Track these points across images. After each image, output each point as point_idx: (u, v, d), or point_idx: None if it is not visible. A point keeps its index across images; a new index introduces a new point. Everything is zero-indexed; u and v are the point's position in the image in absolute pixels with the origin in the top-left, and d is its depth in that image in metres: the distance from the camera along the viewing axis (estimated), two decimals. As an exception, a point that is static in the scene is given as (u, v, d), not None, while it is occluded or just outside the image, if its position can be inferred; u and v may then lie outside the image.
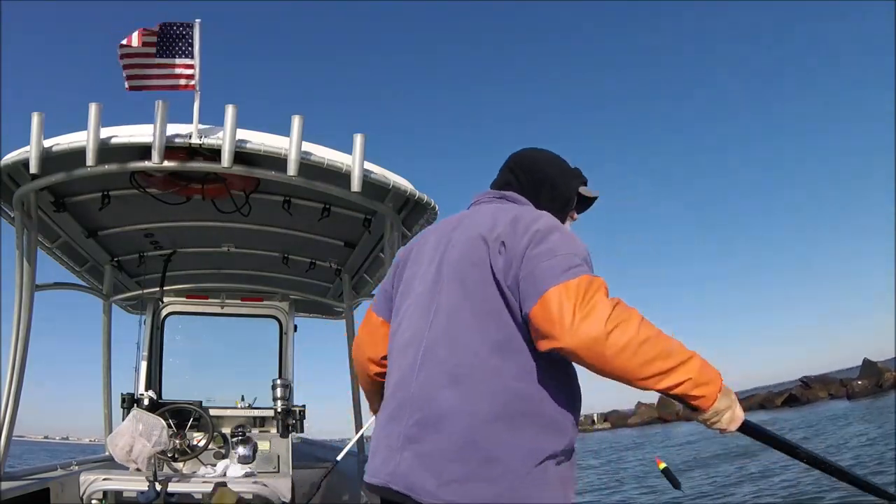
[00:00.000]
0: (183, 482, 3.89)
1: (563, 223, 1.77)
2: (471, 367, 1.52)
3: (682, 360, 1.41)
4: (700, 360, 1.44)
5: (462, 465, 1.45)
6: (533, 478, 1.46)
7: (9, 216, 3.77)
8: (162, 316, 5.50)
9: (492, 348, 1.52)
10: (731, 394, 1.51)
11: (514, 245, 1.54)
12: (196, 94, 3.47)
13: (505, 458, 1.45)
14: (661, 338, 1.40)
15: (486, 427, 1.47)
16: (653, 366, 1.37)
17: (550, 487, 1.48)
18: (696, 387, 1.43)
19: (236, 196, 4.11)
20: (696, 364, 1.43)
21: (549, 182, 1.85)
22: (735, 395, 1.53)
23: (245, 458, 4.72)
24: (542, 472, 1.47)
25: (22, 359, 3.74)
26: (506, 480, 1.44)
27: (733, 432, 1.55)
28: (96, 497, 3.84)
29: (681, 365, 1.40)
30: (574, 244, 1.55)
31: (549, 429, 1.50)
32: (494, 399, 1.48)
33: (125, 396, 4.89)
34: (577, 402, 1.59)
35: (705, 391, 1.44)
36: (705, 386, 1.44)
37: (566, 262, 1.46)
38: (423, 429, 1.51)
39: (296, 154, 3.29)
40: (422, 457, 1.49)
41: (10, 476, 3.79)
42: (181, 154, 3.40)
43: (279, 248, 5.11)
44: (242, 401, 5.34)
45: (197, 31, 3.51)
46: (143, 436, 3.83)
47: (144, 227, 4.67)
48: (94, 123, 3.13)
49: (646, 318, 1.41)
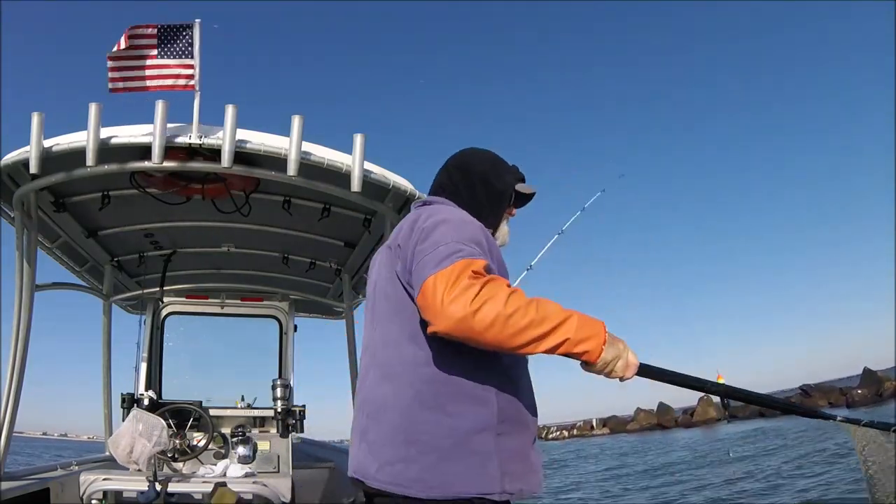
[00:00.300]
0: (183, 482, 3.89)
1: (499, 219, 1.94)
2: (396, 362, 1.68)
3: (557, 322, 1.49)
4: (578, 319, 1.52)
5: (392, 449, 1.62)
6: (454, 453, 1.57)
7: (9, 216, 3.77)
8: (162, 316, 5.50)
9: (408, 340, 1.67)
10: (617, 343, 1.58)
11: (407, 245, 1.69)
12: (196, 94, 3.48)
13: (426, 438, 1.59)
14: (531, 307, 1.47)
15: (410, 412, 1.61)
16: (526, 334, 1.46)
17: (473, 460, 1.58)
18: (576, 344, 1.51)
19: (236, 196, 4.11)
20: (572, 323, 1.50)
21: (481, 180, 1.93)
22: (623, 342, 1.60)
23: (245, 458, 4.72)
24: (463, 446, 1.58)
25: (22, 359, 3.74)
26: (429, 458, 1.57)
27: (631, 377, 1.63)
28: (96, 497, 3.84)
29: (556, 327, 1.49)
30: (460, 233, 1.63)
31: (468, 404, 1.61)
32: (413, 385, 1.63)
33: (125, 396, 4.89)
34: (501, 374, 1.66)
35: (588, 346, 1.52)
36: (587, 341, 1.52)
37: (445, 251, 1.55)
38: (370, 421, 1.71)
39: (296, 154, 3.30)
40: (369, 445, 1.68)
41: (10, 476, 3.79)
42: (181, 154, 3.41)
43: (279, 248, 5.11)
44: (242, 401, 5.34)
45: (197, 31, 3.51)
46: (143, 436, 3.83)
47: (144, 227, 4.67)
48: (94, 123, 3.13)
49: (518, 291, 1.49)
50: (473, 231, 1.69)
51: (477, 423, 1.60)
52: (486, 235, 1.73)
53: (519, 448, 1.66)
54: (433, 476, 1.57)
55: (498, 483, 1.59)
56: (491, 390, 1.63)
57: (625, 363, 1.60)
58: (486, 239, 1.72)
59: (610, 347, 1.56)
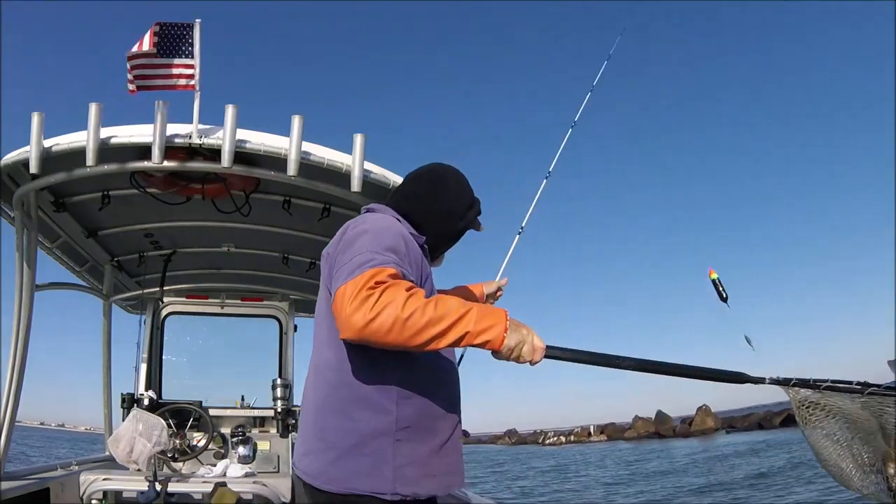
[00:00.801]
0: (183, 482, 3.89)
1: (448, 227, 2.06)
2: (319, 364, 1.87)
3: (456, 318, 1.57)
4: (477, 312, 1.60)
5: (306, 444, 1.84)
6: (352, 453, 1.73)
7: (9, 216, 3.77)
8: (162, 316, 5.50)
9: (327, 345, 1.83)
10: (520, 329, 1.65)
11: (332, 254, 1.83)
12: (196, 94, 3.47)
13: (330, 437, 1.77)
14: (428, 307, 1.55)
15: (321, 412, 1.80)
16: (426, 332, 1.54)
17: (368, 461, 1.72)
18: (477, 335, 1.59)
19: (236, 196, 4.11)
20: (472, 317, 1.58)
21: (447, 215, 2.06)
22: (527, 327, 1.67)
23: (245, 458, 4.73)
24: (360, 448, 1.73)
25: (22, 359, 3.74)
26: (330, 455, 1.75)
27: (540, 360, 1.70)
28: (96, 497, 3.85)
29: (455, 323, 1.57)
30: (377, 242, 1.73)
31: (368, 411, 1.75)
32: (325, 388, 1.81)
33: (125, 396, 4.89)
34: (406, 384, 1.77)
35: (489, 335, 1.60)
36: (487, 331, 1.59)
37: (359, 261, 1.65)
38: (301, 415, 1.97)
39: (296, 154, 3.29)
40: (299, 436, 1.93)
41: (10, 476, 3.79)
42: (181, 154, 3.40)
43: (279, 248, 5.11)
44: (242, 401, 5.34)
45: (197, 31, 3.51)
46: (143, 436, 3.83)
47: (144, 227, 4.67)
48: (94, 123, 3.13)
49: (416, 294, 1.58)
50: (391, 239, 1.78)
51: (374, 428, 1.74)
52: (405, 240, 1.83)
53: (417, 454, 1.77)
54: (333, 471, 1.74)
55: (389, 485, 1.72)
56: (392, 399, 1.76)
57: (531, 347, 1.66)
58: (406, 243, 1.82)
59: (513, 334, 1.62)
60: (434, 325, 1.54)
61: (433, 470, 1.80)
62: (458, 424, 1.91)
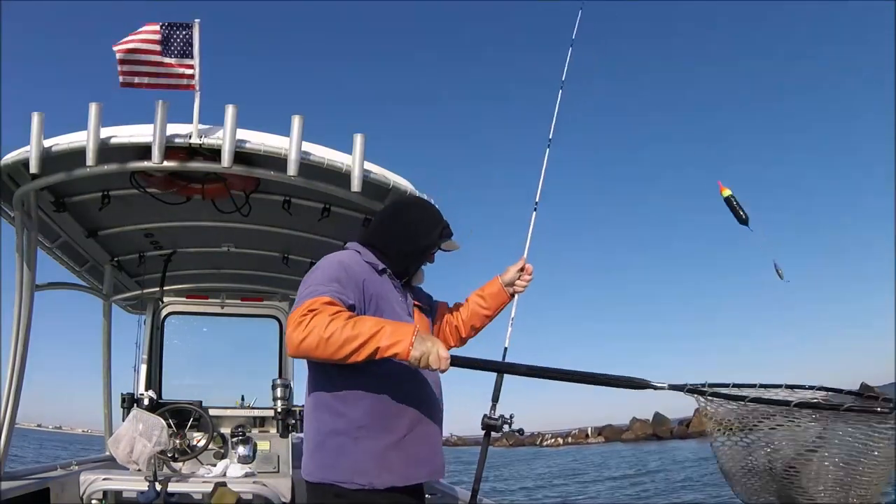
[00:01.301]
0: (183, 482, 3.89)
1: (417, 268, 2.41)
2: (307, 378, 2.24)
3: (368, 336, 1.86)
4: (389, 330, 1.88)
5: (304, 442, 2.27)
6: (319, 448, 2.13)
7: (9, 216, 3.77)
8: (162, 316, 5.50)
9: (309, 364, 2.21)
10: (425, 342, 1.89)
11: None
12: (196, 94, 3.47)
13: (308, 436, 2.20)
14: (346, 328, 1.86)
15: (306, 416, 2.24)
16: (344, 349, 1.85)
17: (329, 456, 2.10)
18: (386, 350, 1.87)
19: (236, 196, 4.11)
20: (383, 334, 1.87)
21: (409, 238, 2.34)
22: (433, 340, 1.92)
23: (245, 458, 4.72)
24: (324, 444, 2.12)
25: (22, 359, 3.74)
26: (308, 451, 2.18)
27: (446, 367, 1.92)
28: (96, 497, 3.85)
29: (367, 341, 1.86)
30: (322, 276, 2.08)
31: (327, 414, 2.13)
32: (308, 396, 2.22)
33: (125, 396, 4.89)
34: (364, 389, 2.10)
35: (397, 349, 1.87)
36: (394, 346, 1.87)
37: (305, 294, 2.00)
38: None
39: (296, 154, 3.30)
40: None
41: (10, 476, 3.79)
42: (181, 154, 3.40)
43: (279, 248, 5.11)
44: (242, 401, 5.34)
45: (197, 31, 3.51)
46: (143, 436, 3.83)
47: (144, 227, 4.67)
48: (94, 123, 3.13)
49: (338, 317, 1.88)
50: (334, 271, 2.12)
51: (333, 428, 2.11)
52: (346, 269, 2.14)
53: (374, 449, 2.07)
54: (310, 464, 2.15)
55: (349, 476, 2.05)
56: (345, 404, 2.10)
57: (436, 357, 1.89)
58: (348, 272, 2.13)
59: (418, 347, 1.87)
60: (350, 342, 1.85)
61: (391, 464, 2.08)
62: (420, 422, 2.16)
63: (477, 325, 2.64)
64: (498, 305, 2.62)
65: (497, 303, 2.61)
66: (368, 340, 1.86)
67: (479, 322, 2.63)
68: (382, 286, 2.24)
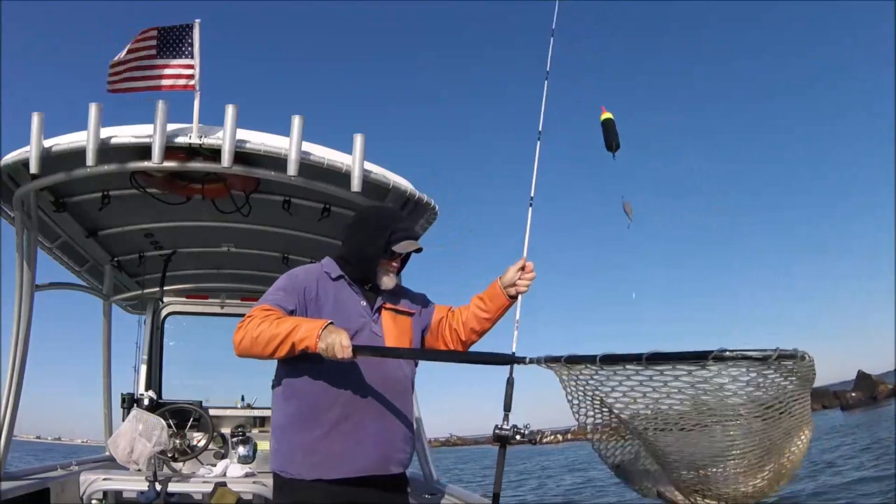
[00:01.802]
0: (183, 482, 3.89)
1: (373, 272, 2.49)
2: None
3: (286, 334, 2.14)
4: (303, 328, 2.14)
5: None
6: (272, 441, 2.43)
7: (9, 216, 3.77)
8: (162, 316, 5.50)
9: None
10: (330, 335, 2.11)
11: None
12: (196, 94, 3.47)
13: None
14: (270, 328, 2.16)
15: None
16: (270, 345, 2.17)
17: (274, 446, 2.41)
18: (299, 344, 2.14)
19: (236, 196, 4.11)
20: (296, 332, 2.13)
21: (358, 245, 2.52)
22: (338, 332, 2.12)
23: (245, 457, 4.73)
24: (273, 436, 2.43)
25: (22, 359, 3.74)
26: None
27: (349, 356, 2.11)
28: (96, 497, 3.85)
29: (286, 338, 2.14)
30: (274, 286, 2.44)
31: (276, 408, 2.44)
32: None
33: (125, 396, 4.89)
34: (299, 386, 2.35)
35: (306, 343, 2.13)
36: (304, 341, 2.13)
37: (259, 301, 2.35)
38: None
39: (296, 154, 3.30)
40: None
41: (10, 476, 3.79)
42: (181, 154, 3.40)
43: (279, 248, 5.11)
44: (242, 401, 5.34)
45: (197, 31, 3.51)
46: (143, 436, 3.83)
47: (144, 227, 4.67)
48: (94, 123, 3.13)
49: (266, 320, 2.20)
50: (282, 282, 2.46)
51: (276, 422, 2.41)
52: (294, 278, 2.45)
53: (303, 441, 2.30)
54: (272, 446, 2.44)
55: (285, 465, 2.32)
56: (282, 398, 2.39)
57: (340, 347, 2.09)
58: (294, 280, 2.44)
59: (324, 339, 2.10)
60: (274, 339, 2.15)
61: (317, 456, 2.27)
62: (348, 419, 2.30)
63: (476, 329, 2.59)
64: (497, 308, 2.55)
65: (496, 305, 2.54)
66: (286, 337, 2.14)
67: (478, 325, 2.58)
68: (334, 291, 2.46)
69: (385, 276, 2.51)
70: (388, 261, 2.50)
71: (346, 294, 2.48)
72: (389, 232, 2.48)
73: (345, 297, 2.47)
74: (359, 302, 2.48)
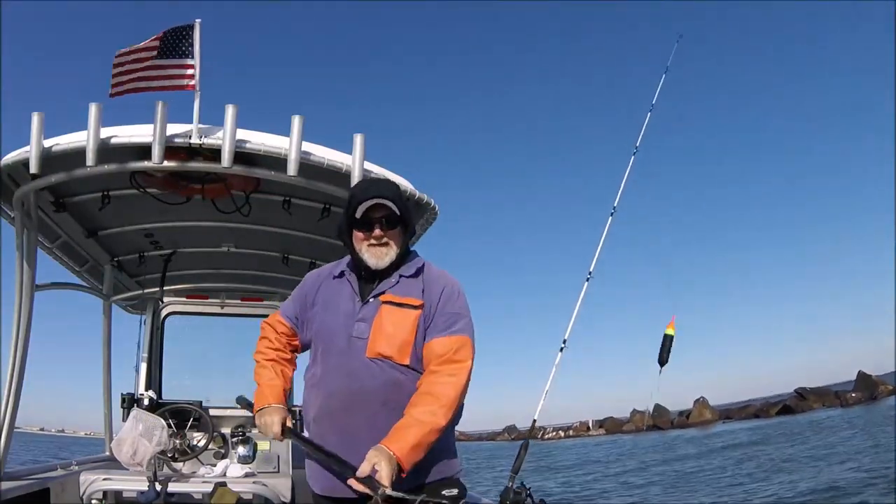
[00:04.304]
0: (183, 482, 3.89)
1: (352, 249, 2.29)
2: None
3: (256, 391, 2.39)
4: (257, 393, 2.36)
5: None
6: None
7: (9, 216, 3.77)
8: (162, 316, 5.50)
9: None
10: (261, 417, 2.27)
11: None
12: (196, 94, 3.47)
13: None
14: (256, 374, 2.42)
15: None
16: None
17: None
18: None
19: (236, 196, 4.11)
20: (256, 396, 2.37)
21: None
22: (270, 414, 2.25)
23: (245, 458, 4.72)
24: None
25: (22, 359, 3.74)
26: None
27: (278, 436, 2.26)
28: (96, 497, 3.84)
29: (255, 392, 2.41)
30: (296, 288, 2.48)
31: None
32: None
33: (125, 396, 4.89)
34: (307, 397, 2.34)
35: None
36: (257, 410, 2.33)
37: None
38: None
39: (296, 154, 3.30)
40: None
41: (10, 476, 3.79)
42: (181, 154, 3.40)
43: (279, 248, 5.11)
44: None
45: (197, 31, 3.51)
46: (143, 436, 3.83)
47: (144, 227, 4.67)
48: (94, 123, 3.13)
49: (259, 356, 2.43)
50: (297, 288, 2.45)
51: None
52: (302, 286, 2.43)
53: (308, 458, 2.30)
54: None
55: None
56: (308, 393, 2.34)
57: (270, 431, 2.24)
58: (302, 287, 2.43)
59: (258, 419, 2.27)
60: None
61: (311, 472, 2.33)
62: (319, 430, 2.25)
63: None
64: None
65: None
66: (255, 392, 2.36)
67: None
68: (327, 292, 2.34)
69: (367, 253, 2.22)
70: (361, 233, 2.23)
71: (339, 292, 2.30)
72: (351, 202, 2.25)
73: (334, 297, 2.30)
74: (350, 298, 2.26)
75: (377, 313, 2.20)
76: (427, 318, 2.21)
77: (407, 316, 2.19)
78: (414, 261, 2.33)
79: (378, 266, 2.22)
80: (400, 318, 2.19)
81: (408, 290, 2.23)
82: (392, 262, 2.25)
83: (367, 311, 2.21)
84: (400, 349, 2.17)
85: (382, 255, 2.21)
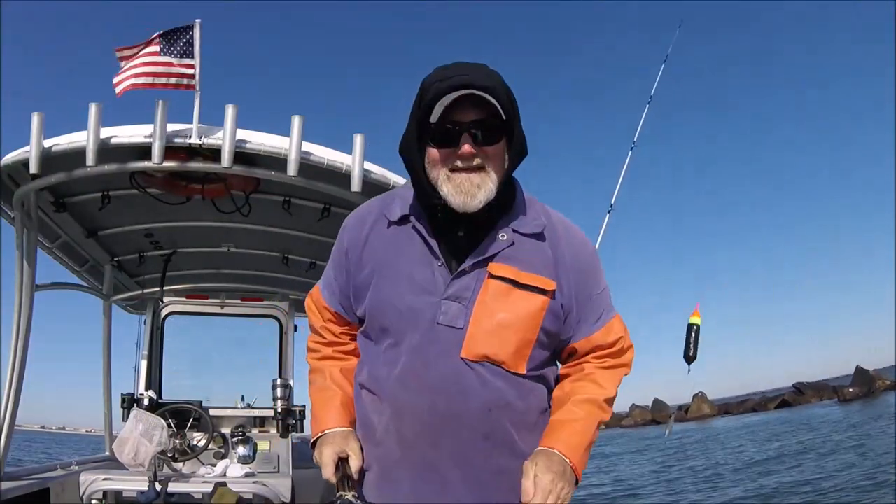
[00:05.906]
0: (183, 482, 3.89)
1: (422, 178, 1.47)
2: None
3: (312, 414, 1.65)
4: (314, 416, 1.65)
5: None
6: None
7: (9, 216, 3.77)
8: (162, 316, 5.50)
9: None
10: (318, 448, 1.55)
11: None
12: (196, 94, 3.48)
13: None
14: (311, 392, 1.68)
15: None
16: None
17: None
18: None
19: (236, 196, 4.11)
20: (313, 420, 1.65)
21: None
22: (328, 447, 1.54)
23: (245, 458, 4.72)
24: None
25: (22, 359, 3.74)
26: None
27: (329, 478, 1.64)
28: (96, 497, 3.84)
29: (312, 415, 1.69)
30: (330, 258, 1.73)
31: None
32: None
33: (125, 396, 4.89)
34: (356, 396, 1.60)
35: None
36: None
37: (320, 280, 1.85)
38: None
39: (296, 154, 3.30)
40: None
41: (11, 476, 3.79)
42: (181, 154, 3.41)
43: (279, 248, 5.11)
44: (242, 401, 5.33)
45: (197, 31, 3.52)
46: (143, 436, 3.83)
47: (144, 227, 4.67)
48: (94, 123, 3.14)
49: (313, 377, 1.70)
50: (334, 251, 1.64)
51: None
52: (339, 245, 1.61)
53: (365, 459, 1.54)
54: None
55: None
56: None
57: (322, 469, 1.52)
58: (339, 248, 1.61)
59: (316, 449, 1.54)
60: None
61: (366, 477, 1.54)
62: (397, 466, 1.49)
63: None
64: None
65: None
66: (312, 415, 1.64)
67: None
68: (396, 245, 1.51)
69: (449, 185, 1.40)
70: (439, 149, 1.41)
71: (403, 247, 1.49)
72: (423, 96, 1.42)
73: (395, 256, 1.50)
74: (425, 259, 1.46)
75: (481, 289, 1.43)
76: (564, 308, 1.50)
77: (531, 302, 1.45)
78: (525, 202, 1.53)
79: (467, 207, 1.39)
80: (520, 304, 1.44)
81: (531, 260, 1.46)
82: (488, 202, 1.41)
83: (463, 285, 1.44)
84: (517, 351, 1.44)
85: (474, 187, 1.39)
